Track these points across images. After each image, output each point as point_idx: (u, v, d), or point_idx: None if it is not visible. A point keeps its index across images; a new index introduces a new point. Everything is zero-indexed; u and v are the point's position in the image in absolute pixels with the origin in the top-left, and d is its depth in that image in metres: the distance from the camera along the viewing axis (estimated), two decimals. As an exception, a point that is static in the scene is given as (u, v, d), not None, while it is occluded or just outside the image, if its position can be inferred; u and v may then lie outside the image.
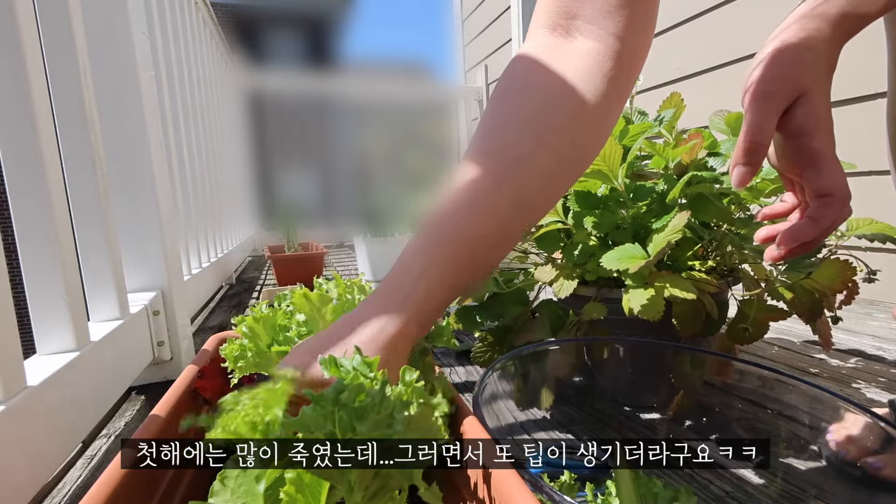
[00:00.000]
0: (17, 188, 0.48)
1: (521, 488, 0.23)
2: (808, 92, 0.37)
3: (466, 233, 0.38)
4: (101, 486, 0.24)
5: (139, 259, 0.76)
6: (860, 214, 0.62)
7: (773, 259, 0.39)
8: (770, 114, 0.36)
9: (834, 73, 0.38)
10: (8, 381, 0.40)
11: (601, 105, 0.39)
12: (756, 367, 0.44)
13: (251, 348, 0.37)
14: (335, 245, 2.86)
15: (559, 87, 0.39)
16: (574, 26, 0.39)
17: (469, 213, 0.39)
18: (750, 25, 1.47)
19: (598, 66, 0.38)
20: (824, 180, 0.37)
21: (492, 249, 0.40)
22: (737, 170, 0.38)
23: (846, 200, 0.37)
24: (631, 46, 0.39)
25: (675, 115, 0.66)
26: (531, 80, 0.40)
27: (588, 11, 0.38)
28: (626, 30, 0.38)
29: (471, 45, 3.61)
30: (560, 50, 0.40)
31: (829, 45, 0.37)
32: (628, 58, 0.39)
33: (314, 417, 0.22)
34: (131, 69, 0.73)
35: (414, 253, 0.38)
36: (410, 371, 0.27)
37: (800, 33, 0.37)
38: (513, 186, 0.39)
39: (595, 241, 0.64)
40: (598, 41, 0.38)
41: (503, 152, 0.39)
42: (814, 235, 0.37)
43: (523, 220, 0.40)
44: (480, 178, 0.39)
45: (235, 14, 8.52)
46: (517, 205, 0.39)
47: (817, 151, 0.37)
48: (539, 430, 0.53)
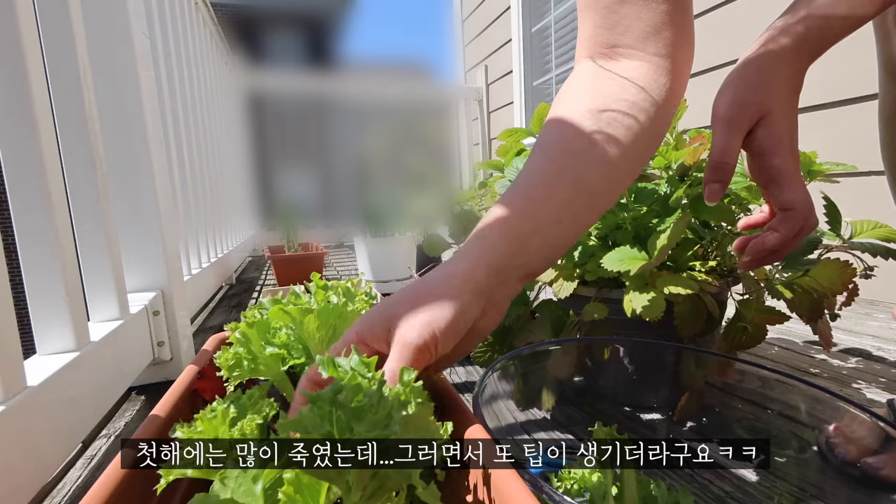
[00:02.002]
0: (17, 188, 0.48)
1: (521, 488, 0.23)
2: (769, 113, 0.40)
3: (529, 208, 0.38)
4: (101, 486, 0.24)
5: (139, 259, 0.76)
6: (861, 215, 0.62)
7: (742, 267, 0.43)
8: (733, 136, 0.40)
9: (800, 92, 0.41)
10: (8, 381, 0.40)
11: (655, 112, 0.40)
12: (756, 368, 0.44)
13: (246, 356, 0.37)
14: (335, 245, 2.86)
15: (615, 87, 0.40)
16: (618, 52, 0.40)
17: (532, 193, 0.39)
18: (750, 25, 1.47)
19: (652, 78, 0.39)
20: (786, 195, 0.40)
21: (553, 224, 0.39)
22: (708, 187, 0.42)
23: (808, 213, 0.40)
24: (676, 62, 0.40)
25: (677, 116, 0.66)
26: (584, 87, 0.41)
27: (628, 40, 0.39)
28: (667, 48, 0.39)
29: (471, 45, 3.61)
30: (607, 70, 0.41)
31: (791, 68, 0.40)
32: (676, 71, 0.40)
33: (312, 418, 0.22)
34: (131, 69, 0.73)
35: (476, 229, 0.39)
36: (409, 371, 0.27)
37: (763, 57, 0.41)
38: (571, 172, 0.39)
39: (595, 241, 0.64)
40: (645, 61, 0.39)
41: (561, 146, 0.40)
42: (777, 246, 0.40)
43: (585, 203, 0.40)
44: (538, 167, 0.39)
45: (235, 14, 8.52)
46: (577, 188, 0.39)
47: (779, 168, 0.40)
48: (539, 430, 0.53)
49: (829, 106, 1.30)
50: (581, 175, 0.38)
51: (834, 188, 0.68)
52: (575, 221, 0.39)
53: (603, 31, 0.40)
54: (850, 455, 0.38)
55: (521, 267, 0.37)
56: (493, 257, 0.36)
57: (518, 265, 0.37)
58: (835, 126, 1.29)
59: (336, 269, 1.98)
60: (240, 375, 0.36)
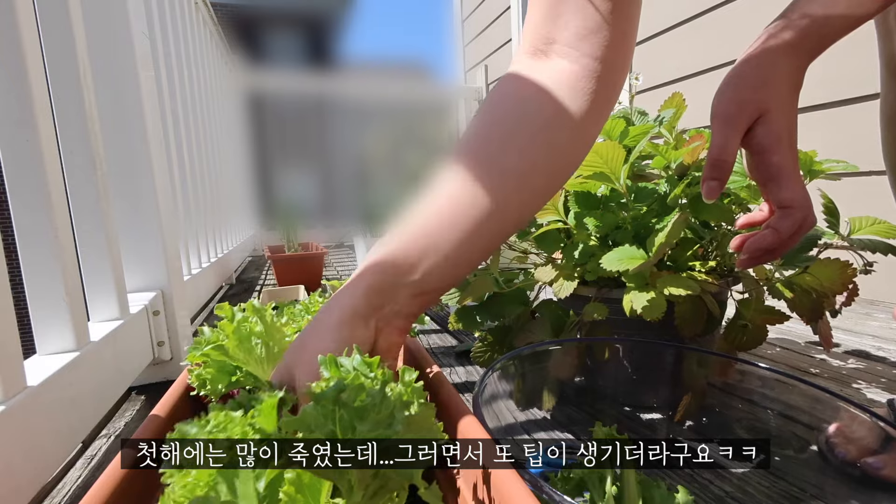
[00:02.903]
0: (17, 188, 0.48)
1: (521, 489, 0.23)
2: (768, 111, 0.39)
3: (419, 228, 0.38)
4: (101, 486, 0.24)
5: (139, 259, 0.76)
6: (860, 215, 0.62)
7: (740, 265, 0.43)
8: (732, 134, 0.40)
9: (800, 90, 0.41)
10: (8, 381, 0.40)
11: (579, 117, 0.39)
12: (757, 368, 0.44)
13: (209, 376, 0.37)
14: (335, 245, 2.86)
15: (532, 93, 0.39)
16: (552, 50, 0.40)
17: (433, 200, 0.39)
18: (750, 25, 1.47)
19: (574, 81, 0.39)
20: (784, 193, 0.40)
21: (447, 244, 0.39)
22: (706, 184, 0.41)
23: (806, 211, 0.40)
24: (609, 66, 0.39)
25: (676, 116, 0.66)
26: (506, 90, 0.42)
27: (564, 36, 0.39)
28: (602, 51, 0.39)
29: (471, 45, 3.61)
30: (537, 69, 0.41)
31: (790, 65, 0.40)
32: (606, 76, 0.39)
33: (315, 417, 0.22)
34: (131, 69, 0.73)
35: None
36: (410, 371, 0.27)
37: (763, 55, 0.41)
38: (482, 185, 0.38)
39: (595, 241, 0.64)
40: (575, 62, 0.39)
41: (476, 155, 0.40)
42: (775, 244, 0.40)
43: (493, 216, 0.39)
44: (448, 180, 0.39)
45: (235, 14, 8.52)
46: (474, 207, 0.38)
47: (777, 166, 0.40)
48: (539, 430, 0.53)
49: (829, 106, 1.30)
50: (482, 191, 0.38)
51: (833, 188, 0.68)
52: (471, 243, 0.38)
53: (546, 24, 0.40)
54: (850, 455, 0.38)
55: (411, 285, 0.37)
56: (375, 279, 0.36)
57: (406, 283, 0.37)
58: (835, 126, 1.29)
59: (336, 269, 1.98)
60: (211, 392, 0.37)
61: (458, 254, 0.38)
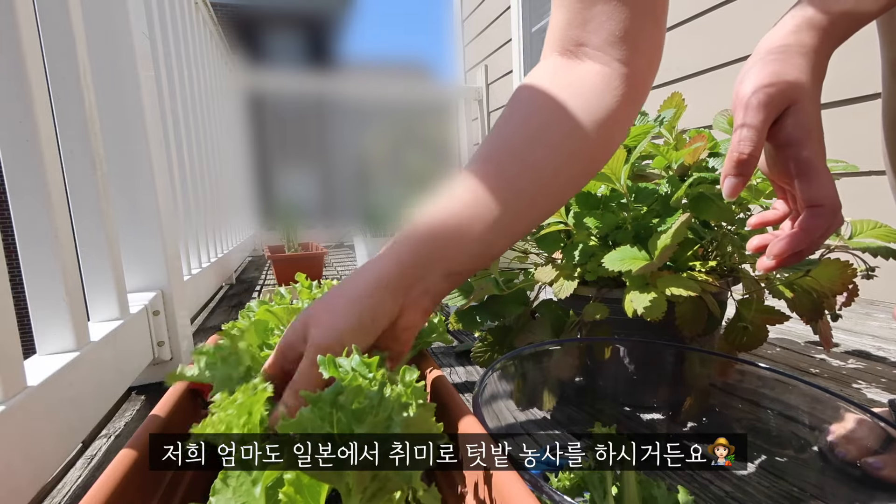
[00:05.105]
0: (17, 188, 0.48)
1: (521, 489, 0.23)
2: (797, 101, 0.36)
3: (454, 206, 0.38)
4: (101, 486, 0.24)
5: (139, 259, 0.76)
6: (861, 215, 0.62)
7: (765, 269, 0.39)
8: (760, 125, 0.36)
9: (823, 80, 0.38)
10: (8, 381, 0.40)
11: (607, 118, 0.39)
12: (757, 368, 0.44)
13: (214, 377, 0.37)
14: (335, 245, 2.86)
15: (566, 95, 0.39)
16: (582, 52, 0.40)
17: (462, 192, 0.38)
18: (750, 25, 1.47)
19: (606, 83, 0.39)
20: (815, 190, 0.37)
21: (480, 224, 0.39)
22: (728, 181, 0.38)
23: (836, 210, 0.37)
24: (638, 71, 0.39)
25: (676, 116, 0.66)
26: (536, 90, 0.41)
27: (595, 40, 0.39)
28: (632, 56, 0.39)
29: (471, 45, 3.61)
30: (568, 69, 0.40)
31: (817, 53, 0.37)
32: (636, 80, 0.40)
33: (312, 419, 0.22)
34: (131, 69, 0.73)
35: None
36: (411, 371, 0.27)
37: (788, 43, 0.37)
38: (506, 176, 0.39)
39: (595, 241, 0.63)
40: (606, 65, 0.39)
41: (503, 149, 0.40)
42: (804, 246, 0.37)
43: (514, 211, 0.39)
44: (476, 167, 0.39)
45: (235, 14, 8.52)
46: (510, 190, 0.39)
47: (807, 161, 0.37)
48: (539, 430, 0.53)
49: (829, 106, 1.30)
50: (515, 179, 0.38)
51: (834, 188, 0.68)
52: (504, 224, 0.38)
53: (573, 28, 0.40)
54: (850, 455, 0.38)
55: (445, 262, 0.37)
56: (409, 253, 0.36)
57: (441, 259, 0.36)
58: (835, 126, 1.29)
59: (336, 269, 1.98)
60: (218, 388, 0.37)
61: (491, 234, 0.38)
